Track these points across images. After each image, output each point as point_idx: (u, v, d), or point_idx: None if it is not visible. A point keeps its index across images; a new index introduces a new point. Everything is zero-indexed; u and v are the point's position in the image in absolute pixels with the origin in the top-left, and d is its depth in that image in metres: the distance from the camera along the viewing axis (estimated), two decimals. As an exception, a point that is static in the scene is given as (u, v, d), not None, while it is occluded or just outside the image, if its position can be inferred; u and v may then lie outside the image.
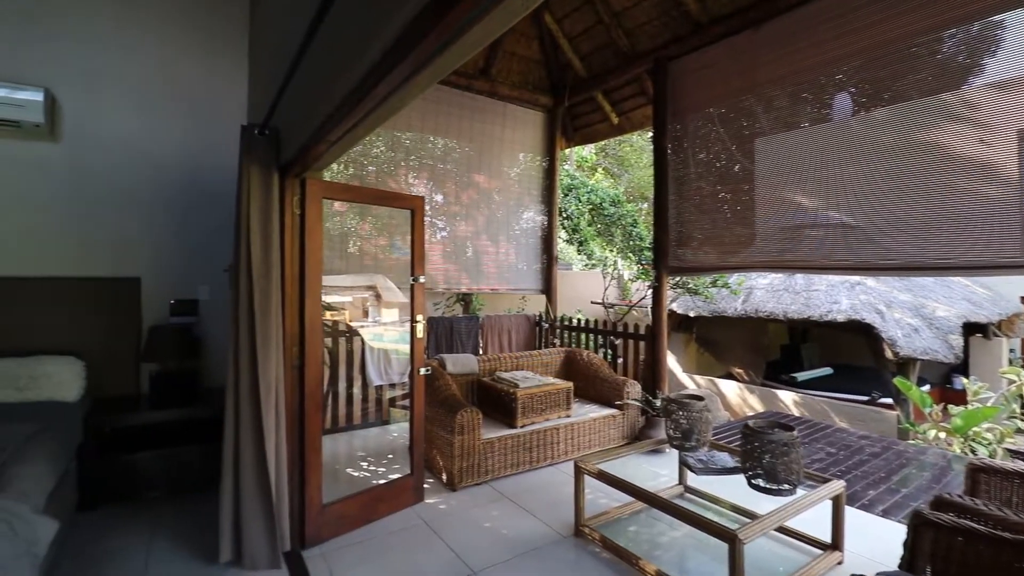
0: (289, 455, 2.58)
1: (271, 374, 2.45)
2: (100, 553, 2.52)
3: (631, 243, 6.42)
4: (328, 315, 4.53)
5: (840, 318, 5.63)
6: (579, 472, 2.71)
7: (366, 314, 5.15)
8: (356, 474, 3.56)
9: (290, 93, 2.26)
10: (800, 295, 6.03)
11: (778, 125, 3.55)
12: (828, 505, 2.52)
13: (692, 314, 6.60)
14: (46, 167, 3.33)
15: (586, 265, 9.26)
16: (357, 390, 4.62)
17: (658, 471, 3.58)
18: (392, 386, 4.82)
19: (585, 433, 3.83)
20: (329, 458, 2.76)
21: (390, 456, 3.93)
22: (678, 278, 5.92)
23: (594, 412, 3.97)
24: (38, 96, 3.15)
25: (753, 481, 2.45)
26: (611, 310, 6.72)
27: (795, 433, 2.39)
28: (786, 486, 2.37)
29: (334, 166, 4.27)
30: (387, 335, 4.88)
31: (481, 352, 5.19)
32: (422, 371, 3.14)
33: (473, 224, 5.25)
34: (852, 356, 7.43)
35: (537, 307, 6.13)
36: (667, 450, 3.77)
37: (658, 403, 3.85)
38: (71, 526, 2.70)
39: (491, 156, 5.37)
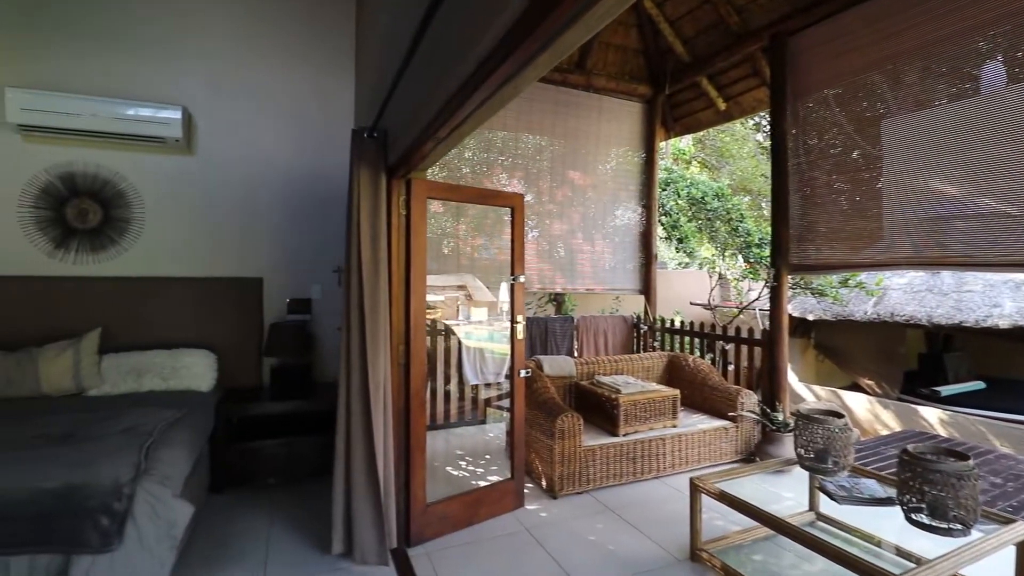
0: (395, 452, 2.61)
1: (380, 372, 2.49)
2: (227, 535, 2.70)
3: (737, 239, 5.93)
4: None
5: (1003, 324, 4.75)
6: (696, 490, 2.48)
7: (457, 313, 5.20)
8: (455, 473, 3.56)
9: (398, 94, 2.26)
10: (948, 296, 5.19)
11: (908, 103, 3.12)
12: (1010, 551, 2.07)
13: (811, 317, 5.94)
14: (184, 178, 3.67)
15: (680, 264, 8.77)
16: (453, 388, 4.67)
17: (781, 493, 3.21)
18: (487, 385, 4.82)
19: (693, 445, 3.54)
20: (428, 455, 2.76)
21: (487, 457, 3.90)
22: (798, 278, 5.36)
23: (703, 423, 3.67)
24: (177, 114, 3.47)
25: (913, 516, 2.08)
26: (716, 312, 6.24)
27: (971, 463, 1.99)
28: (958, 526, 1.98)
29: (429, 169, 4.34)
30: (479, 334, 4.89)
31: (576, 354, 5.03)
32: (522, 373, 3.06)
33: (567, 222, 5.11)
34: (1013, 368, 6.30)
35: (631, 307, 5.85)
36: (791, 470, 3.38)
37: (779, 417, 3.47)
38: (203, 507, 2.94)
39: (586, 152, 5.20)
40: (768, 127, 10.70)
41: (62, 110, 3.18)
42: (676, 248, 6.63)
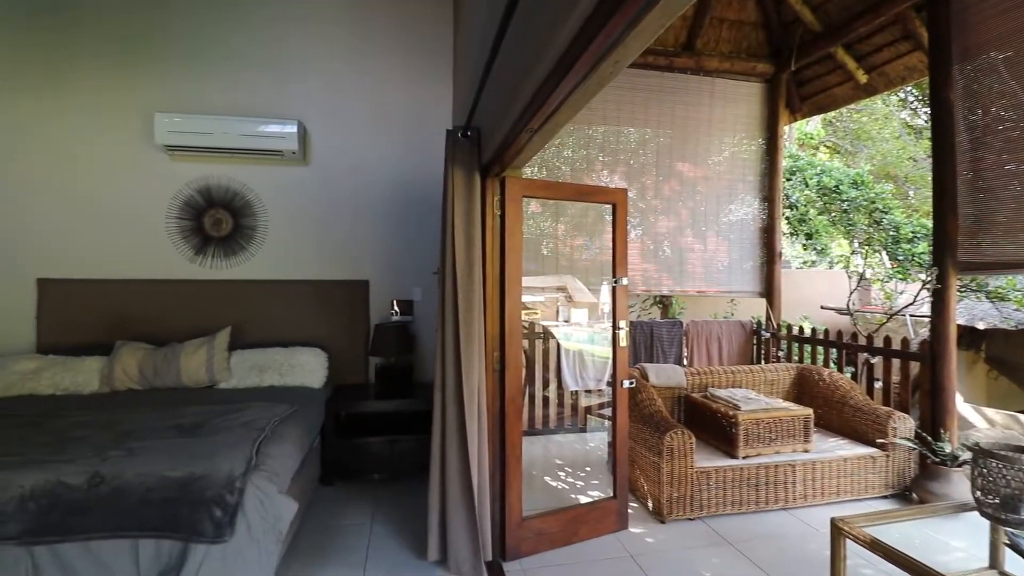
0: (490, 461, 2.52)
1: (474, 377, 2.41)
2: (333, 528, 2.79)
3: (882, 234, 5.09)
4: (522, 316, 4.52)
5: None
6: (839, 534, 2.07)
7: (557, 315, 5.05)
8: (553, 484, 3.41)
9: (489, 88, 2.16)
10: None
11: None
12: None
13: (981, 326, 4.92)
14: (300, 188, 3.92)
15: (805, 263, 7.81)
16: (551, 393, 4.52)
17: (949, 542, 2.63)
18: (588, 392, 4.60)
19: (831, 475, 3.04)
20: (524, 464, 2.63)
21: (587, 468, 3.69)
22: (968, 278, 4.46)
23: (843, 449, 3.14)
24: (293, 128, 3.70)
25: None
26: (857, 318, 5.41)
27: None
28: None
29: (525, 170, 4.24)
30: (579, 337, 4.69)
31: (685, 362, 4.63)
32: (625, 383, 2.82)
33: (675, 219, 4.72)
34: None
35: (747, 311, 5.27)
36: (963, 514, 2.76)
37: (945, 447, 2.87)
38: (313, 498, 3.08)
39: (696, 142, 4.77)
40: (917, 102, 9.20)
41: (199, 130, 3.54)
42: (803, 245, 5.88)
